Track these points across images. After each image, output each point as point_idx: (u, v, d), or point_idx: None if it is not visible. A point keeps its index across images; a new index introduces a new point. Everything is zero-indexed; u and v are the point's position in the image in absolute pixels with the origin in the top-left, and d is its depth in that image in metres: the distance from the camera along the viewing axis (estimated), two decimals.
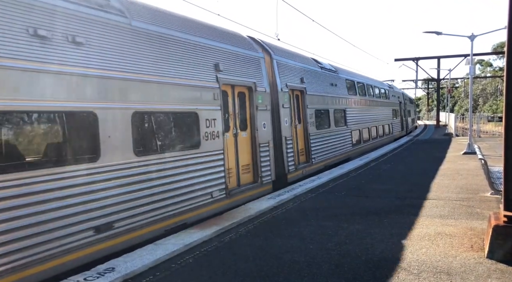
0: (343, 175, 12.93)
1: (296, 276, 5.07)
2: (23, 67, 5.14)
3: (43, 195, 5.25)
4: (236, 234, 6.90)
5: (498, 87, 63.35)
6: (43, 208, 5.24)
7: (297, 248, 6.07)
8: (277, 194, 10.08)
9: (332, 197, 9.68)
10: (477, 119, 35.31)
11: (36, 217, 5.15)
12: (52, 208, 5.36)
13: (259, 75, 10.61)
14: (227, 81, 9.16)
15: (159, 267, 5.51)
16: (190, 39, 8.22)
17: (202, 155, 8.15)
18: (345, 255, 5.73)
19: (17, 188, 4.98)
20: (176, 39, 7.84)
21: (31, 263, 5.12)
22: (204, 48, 8.54)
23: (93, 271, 5.30)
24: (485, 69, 73.36)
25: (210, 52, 8.73)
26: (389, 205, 8.68)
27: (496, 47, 60.98)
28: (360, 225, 7.19)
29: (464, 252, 5.70)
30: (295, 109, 12.83)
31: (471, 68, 19.92)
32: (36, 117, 5.56)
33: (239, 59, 9.86)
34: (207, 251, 6.11)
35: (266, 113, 10.75)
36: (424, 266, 5.26)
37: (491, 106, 62.74)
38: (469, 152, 18.00)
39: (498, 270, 5.05)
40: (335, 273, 5.10)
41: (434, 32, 21.70)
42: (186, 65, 7.97)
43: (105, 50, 6.32)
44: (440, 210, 8.13)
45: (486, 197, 9.24)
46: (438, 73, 44.03)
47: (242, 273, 5.20)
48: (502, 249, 5.34)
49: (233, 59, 9.59)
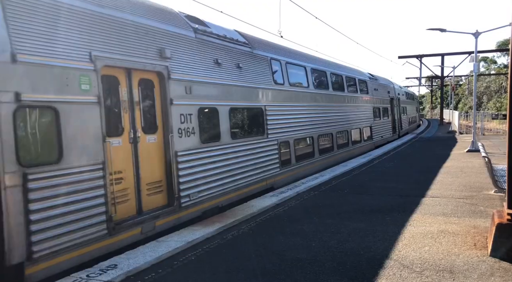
0: (345, 172, 12.91)
1: (298, 273, 5.06)
2: (229, 84, 9.63)
3: (251, 148, 10.20)
4: (238, 232, 6.90)
5: (502, 84, 63.02)
6: (252, 156, 10.18)
7: (300, 246, 6.06)
8: (279, 191, 10.08)
9: (334, 195, 9.67)
10: (481, 117, 35.07)
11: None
12: (251, 158, 10.14)
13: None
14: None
15: (162, 264, 5.52)
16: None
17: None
18: (348, 252, 5.72)
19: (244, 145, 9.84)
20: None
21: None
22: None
23: (95, 268, 5.32)
24: (490, 67, 72.98)
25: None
26: (392, 202, 8.66)
27: (501, 45, 60.57)
28: (363, 223, 7.17)
29: (467, 250, 5.67)
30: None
31: (475, 65, 19.81)
32: (239, 110, 10.09)
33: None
34: (210, 248, 6.11)
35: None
36: (427, 264, 5.24)
37: (495, 104, 62.39)
38: (473, 149, 17.92)
39: (502, 268, 5.03)
40: (338, 271, 5.10)
41: (438, 29, 21.58)
42: None
43: (248, 71, 10.52)
44: (443, 208, 8.10)
45: (489, 195, 9.20)
46: (442, 70, 43.85)
47: (244, 271, 5.20)
48: (505, 247, 5.31)
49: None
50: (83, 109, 5.95)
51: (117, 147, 6.61)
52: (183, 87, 8.15)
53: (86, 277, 5.01)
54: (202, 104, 8.66)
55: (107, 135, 6.31)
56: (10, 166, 4.99)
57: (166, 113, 7.56)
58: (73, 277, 5.05)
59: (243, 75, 10.38)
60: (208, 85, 8.95)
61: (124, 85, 6.88)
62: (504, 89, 60.14)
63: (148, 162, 7.21)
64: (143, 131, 7.18)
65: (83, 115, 5.94)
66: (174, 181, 7.56)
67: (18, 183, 5.06)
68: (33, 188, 5.19)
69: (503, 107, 52.44)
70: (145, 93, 7.32)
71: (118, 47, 6.70)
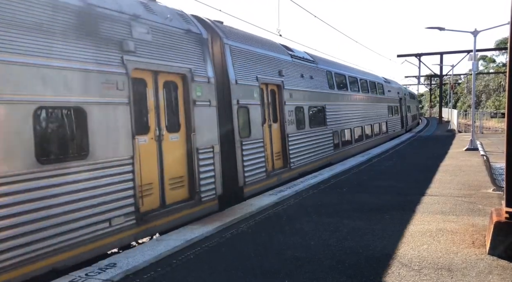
0: (345, 171, 12.93)
1: (297, 272, 5.07)
2: (310, 91, 14.00)
3: (318, 135, 14.25)
4: (237, 230, 6.91)
5: (501, 83, 63.06)
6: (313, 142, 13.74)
7: (299, 244, 6.07)
8: (278, 190, 10.09)
9: (333, 193, 9.68)
10: (480, 116, 35.12)
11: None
12: (311, 144, 13.67)
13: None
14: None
15: (160, 262, 5.52)
16: None
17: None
18: (347, 251, 5.73)
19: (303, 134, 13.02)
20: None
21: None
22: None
23: (94, 266, 5.32)
24: (488, 65, 73.04)
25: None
26: (391, 201, 8.67)
27: (499, 43, 60.63)
28: (362, 221, 7.19)
29: (466, 249, 5.69)
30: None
31: (474, 64, 19.84)
32: (312, 108, 14.13)
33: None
34: (209, 247, 6.12)
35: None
36: (425, 262, 5.25)
37: (494, 103, 62.48)
38: (471, 148, 17.95)
39: (500, 266, 5.05)
40: (337, 269, 5.10)
41: (437, 28, 21.58)
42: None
43: (316, 80, 14.78)
44: (441, 206, 8.11)
45: (488, 193, 9.22)
46: (441, 69, 43.84)
47: (243, 269, 5.20)
48: (503, 245, 5.33)
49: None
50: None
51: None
52: (288, 94, 12.33)
53: (85, 276, 5.01)
54: (298, 104, 13.00)
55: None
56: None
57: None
58: (72, 275, 5.04)
59: (314, 83, 14.66)
60: (300, 92, 13.30)
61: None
62: (503, 88, 60.18)
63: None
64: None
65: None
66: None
67: (239, 145, 9.54)
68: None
69: (502, 106, 52.46)
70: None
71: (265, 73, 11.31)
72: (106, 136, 6.11)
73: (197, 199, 7.99)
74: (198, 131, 8.06)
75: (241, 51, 10.19)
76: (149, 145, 7.17)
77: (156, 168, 7.27)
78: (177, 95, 7.86)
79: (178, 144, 7.80)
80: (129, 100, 6.53)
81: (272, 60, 11.73)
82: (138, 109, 6.89)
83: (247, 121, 9.92)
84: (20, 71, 5.07)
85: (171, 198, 7.53)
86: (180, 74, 7.82)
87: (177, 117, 7.84)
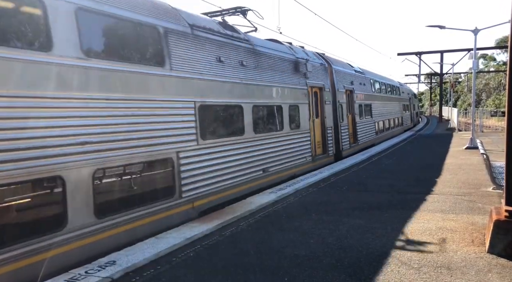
0: (344, 169, 12.93)
1: (296, 270, 5.07)
2: (362, 93, 20.03)
3: (370, 123, 21.26)
4: (237, 228, 6.91)
5: (501, 81, 63.02)
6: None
7: (298, 242, 6.08)
8: (278, 188, 10.09)
9: (333, 192, 9.68)
10: (480, 114, 35.11)
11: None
12: (370, 127, 20.94)
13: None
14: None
15: (160, 260, 5.53)
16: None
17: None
18: (346, 249, 5.74)
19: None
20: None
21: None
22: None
23: (94, 264, 5.32)
24: (489, 64, 72.93)
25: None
26: (391, 199, 8.68)
27: (500, 42, 60.54)
28: (361, 220, 7.19)
29: (465, 247, 5.69)
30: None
31: (474, 62, 19.82)
32: (363, 105, 20.00)
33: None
34: (208, 244, 6.12)
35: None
36: (425, 260, 5.26)
37: (494, 101, 62.43)
38: (471, 146, 17.95)
39: (499, 264, 5.05)
40: (336, 267, 5.11)
41: (437, 26, 21.57)
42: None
43: (366, 86, 20.97)
44: (441, 205, 8.12)
45: (487, 191, 9.22)
46: (441, 67, 43.78)
47: (242, 267, 5.21)
48: (503, 243, 5.33)
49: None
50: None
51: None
52: (355, 96, 18.40)
53: (85, 273, 5.02)
54: (360, 102, 19.13)
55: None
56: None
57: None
58: (72, 273, 5.05)
59: (366, 88, 20.76)
60: (362, 95, 19.74)
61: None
62: (503, 86, 60.13)
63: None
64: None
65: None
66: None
67: (339, 127, 16.07)
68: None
69: (502, 105, 52.43)
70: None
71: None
72: (304, 118, 12.76)
73: (327, 154, 14.44)
74: (327, 117, 14.59)
75: (338, 72, 16.72)
76: (311, 123, 13.43)
77: (313, 135, 13.47)
78: (317, 99, 14.09)
79: (318, 124, 14.09)
80: (309, 102, 13.26)
81: (348, 75, 18.09)
82: (312, 106, 13.64)
83: (341, 113, 16.33)
84: (276, 91, 11.34)
85: (318, 152, 13.90)
86: (320, 87, 14.27)
87: (318, 109, 14.20)
